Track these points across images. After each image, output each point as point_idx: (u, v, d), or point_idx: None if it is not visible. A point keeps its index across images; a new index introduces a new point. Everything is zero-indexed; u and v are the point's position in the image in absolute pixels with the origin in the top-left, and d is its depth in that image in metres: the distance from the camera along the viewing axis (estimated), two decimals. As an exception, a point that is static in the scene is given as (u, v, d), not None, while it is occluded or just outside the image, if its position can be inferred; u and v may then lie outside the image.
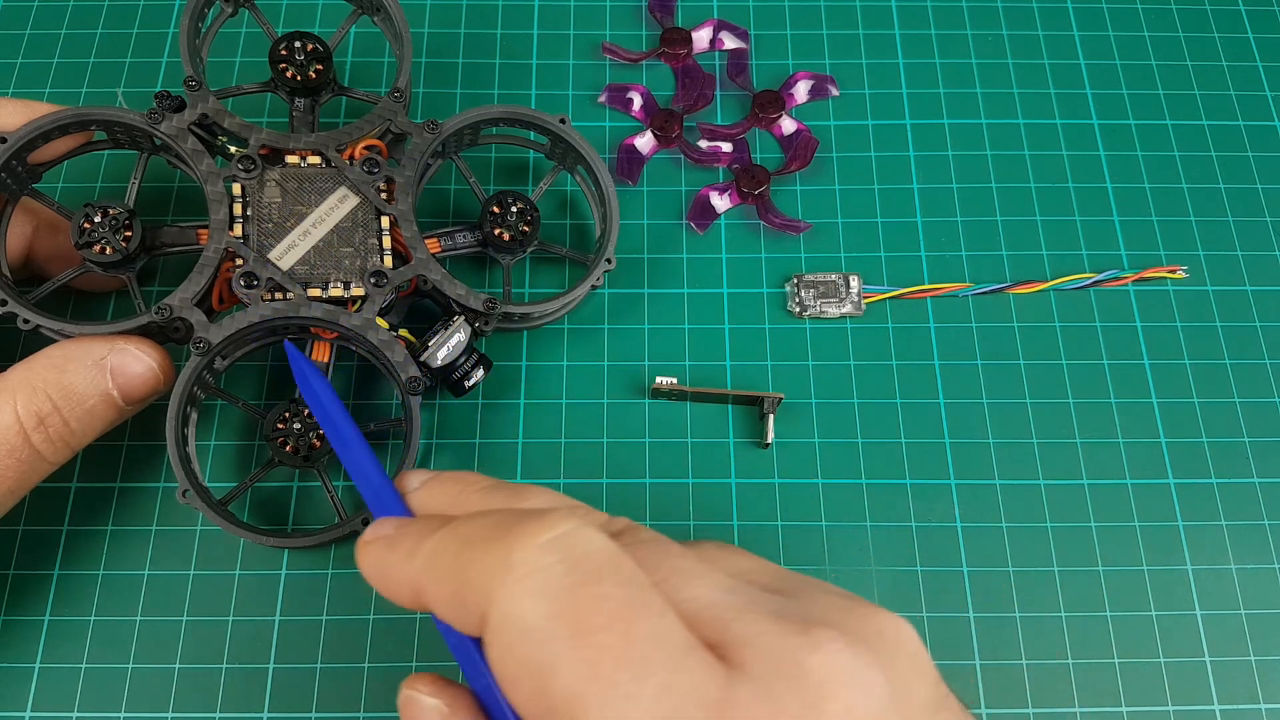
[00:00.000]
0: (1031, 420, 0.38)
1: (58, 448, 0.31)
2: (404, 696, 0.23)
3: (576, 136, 0.38)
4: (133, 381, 0.32)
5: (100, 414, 0.31)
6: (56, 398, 0.30)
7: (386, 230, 0.35)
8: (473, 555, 0.21)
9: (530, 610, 0.20)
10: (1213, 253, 0.42)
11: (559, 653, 0.19)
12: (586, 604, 0.20)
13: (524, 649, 0.20)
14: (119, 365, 0.32)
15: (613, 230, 0.37)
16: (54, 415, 0.30)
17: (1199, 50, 0.46)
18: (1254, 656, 0.35)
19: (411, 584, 0.23)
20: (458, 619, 0.21)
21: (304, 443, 0.34)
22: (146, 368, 0.32)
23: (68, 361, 0.31)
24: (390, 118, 0.36)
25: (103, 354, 0.31)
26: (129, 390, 0.32)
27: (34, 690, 0.34)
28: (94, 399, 0.31)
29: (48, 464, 0.31)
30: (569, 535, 0.20)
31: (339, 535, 0.34)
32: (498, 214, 0.37)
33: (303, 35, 0.37)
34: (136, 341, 0.32)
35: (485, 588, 0.20)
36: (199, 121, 0.35)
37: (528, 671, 0.20)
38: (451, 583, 0.21)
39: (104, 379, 0.31)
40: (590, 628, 0.19)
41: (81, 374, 0.31)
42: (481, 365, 0.36)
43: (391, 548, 0.23)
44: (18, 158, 0.33)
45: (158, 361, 0.32)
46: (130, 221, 0.33)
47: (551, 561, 0.20)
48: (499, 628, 0.20)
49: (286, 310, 0.33)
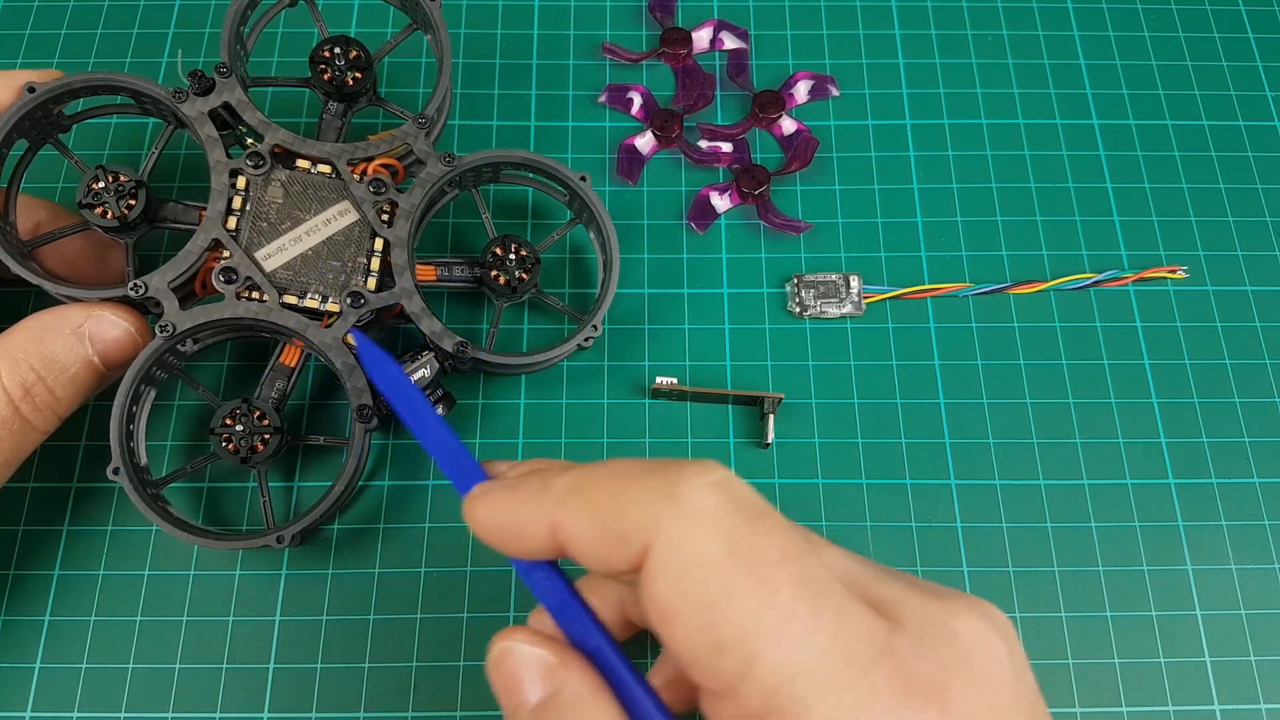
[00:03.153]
0: (1031, 420, 0.38)
1: (46, 416, 0.31)
2: (500, 650, 0.22)
3: (593, 197, 0.37)
4: (111, 346, 0.32)
5: (84, 380, 0.32)
6: (40, 367, 0.31)
7: (378, 252, 0.35)
8: (629, 487, 0.21)
9: (707, 543, 0.20)
10: (1213, 253, 0.42)
11: (736, 584, 0.19)
12: (759, 540, 0.20)
13: (696, 581, 0.19)
14: (97, 331, 0.32)
15: (607, 297, 0.37)
16: (39, 385, 0.31)
17: (1199, 50, 0.46)
18: (1254, 656, 0.35)
19: (546, 520, 0.22)
20: (606, 552, 0.21)
21: (245, 444, 0.33)
22: (124, 331, 0.32)
23: (46, 331, 0.31)
24: (411, 142, 0.36)
25: (80, 321, 0.32)
26: (108, 355, 0.32)
27: (34, 690, 0.34)
28: (76, 366, 0.32)
29: (38, 433, 0.32)
30: (728, 480, 0.21)
31: (256, 543, 0.33)
32: (499, 256, 0.37)
33: (349, 41, 0.37)
34: (111, 307, 0.32)
35: (649, 519, 0.20)
36: (222, 108, 0.35)
37: (697, 603, 0.19)
38: (602, 515, 0.21)
39: (84, 346, 0.32)
40: (765, 561, 0.20)
41: (61, 342, 0.31)
42: (442, 403, 0.36)
43: (515, 490, 0.23)
44: (44, 109, 0.34)
45: (134, 325, 0.33)
46: (137, 191, 0.33)
47: (719, 499, 0.20)
48: (668, 558, 0.20)
49: (258, 313, 0.33)
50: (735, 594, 0.19)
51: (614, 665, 0.22)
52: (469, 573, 0.36)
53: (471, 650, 0.35)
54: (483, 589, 0.35)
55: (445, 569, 0.36)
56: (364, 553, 0.36)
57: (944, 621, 0.21)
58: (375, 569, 0.36)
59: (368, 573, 0.36)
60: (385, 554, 0.36)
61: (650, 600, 0.20)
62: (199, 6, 0.45)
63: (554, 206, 0.41)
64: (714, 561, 0.19)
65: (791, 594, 0.19)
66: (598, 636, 0.22)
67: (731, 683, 0.19)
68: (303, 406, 0.38)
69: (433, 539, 0.36)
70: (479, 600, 0.35)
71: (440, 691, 0.34)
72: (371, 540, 0.36)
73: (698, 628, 0.19)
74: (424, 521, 0.36)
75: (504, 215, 0.41)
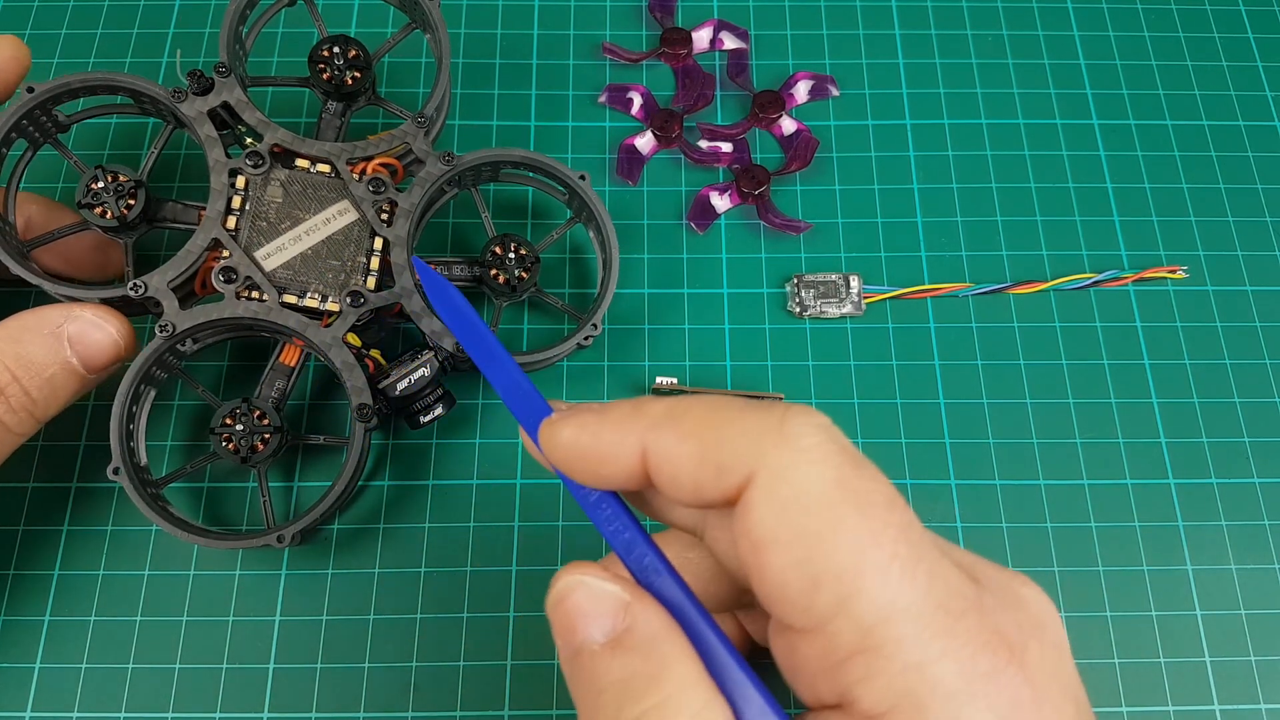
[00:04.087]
0: (1031, 420, 0.38)
1: (21, 418, 0.31)
2: (565, 584, 0.21)
3: (593, 196, 0.37)
4: (92, 349, 0.32)
5: (62, 383, 0.31)
6: (15, 368, 0.30)
7: (377, 251, 0.35)
8: (732, 418, 0.21)
9: (815, 476, 0.20)
10: (1213, 253, 0.42)
11: (843, 520, 0.19)
12: (865, 484, 0.20)
13: (801, 513, 0.20)
14: (77, 333, 0.31)
15: (607, 296, 0.37)
16: (13, 385, 0.30)
17: (1199, 50, 0.46)
18: (1254, 656, 0.35)
19: (635, 444, 0.21)
20: (700, 478, 0.21)
21: (246, 444, 0.33)
22: (106, 335, 0.32)
23: (23, 332, 0.31)
24: (410, 142, 0.36)
25: (59, 322, 0.31)
26: (89, 358, 0.32)
27: (34, 690, 0.34)
28: (53, 368, 0.31)
29: (14, 435, 0.31)
30: (831, 425, 0.21)
31: (256, 543, 0.33)
32: (498, 255, 0.37)
33: (348, 40, 0.37)
34: (94, 309, 0.32)
35: (753, 450, 0.20)
36: (221, 108, 0.35)
37: (798, 535, 0.19)
38: (701, 441, 0.21)
39: (62, 347, 0.31)
40: (871, 503, 0.20)
41: (38, 343, 0.31)
42: (442, 403, 0.35)
43: (604, 413, 0.22)
44: (43, 108, 0.34)
45: (118, 329, 0.32)
46: (136, 191, 0.33)
47: (825, 439, 0.20)
48: (772, 488, 0.20)
49: (258, 312, 0.33)
50: (840, 529, 0.19)
51: (684, 606, 0.21)
52: (469, 573, 0.36)
53: (471, 650, 0.35)
54: (483, 589, 0.35)
55: (445, 569, 0.36)
56: (364, 553, 0.36)
57: (1015, 589, 0.22)
58: (375, 569, 0.36)
59: (368, 573, 0.36)
60: (385, 554, 0.36)
61: (748, 531, 0.20)
62: (199, 6, 0.45)
63: (553, 206, 0.41)
64: (821, 496, 0.20)
65: (895, 536, 0.19)
66: (666, 574, 0.21)
67: (823, 619, 0.19)
68: (303, 406, 0.38)
69: (433, 539, 0.36)
70: (479, 600, 0.35)
71: (440, 691, 0.34)
72: (371, 540, 0.36)
73: (796, 560, 0.19)
74: (424, 521, 0.36)
75: (503, 215, 0.41)
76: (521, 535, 0.36)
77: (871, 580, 0.19)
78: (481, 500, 0.37)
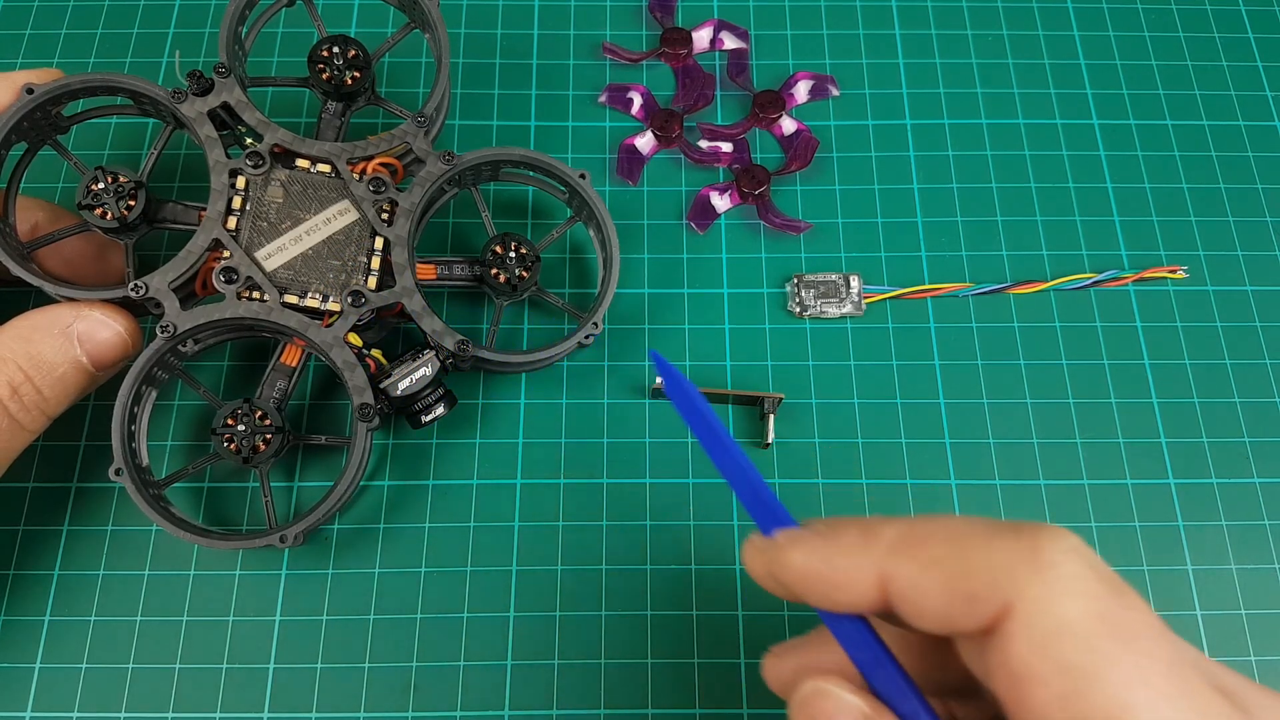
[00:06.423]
0: (1031, 420, 0.38)
1: (34, 415, 0.31)
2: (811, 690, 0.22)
3: (593, 195, 0.37)
4: (100, 347, 0.32)
5: (72, 380, 0.32)
6: (27, 367, 0.31)
7: (378, 251, 0.35)
8: (979, 545, 0.20)
9: (1078, 609, 0.19)
10: (1213, 253, 0.42)
11: (1110, 655, 0.19)
12: (1128, 615, 0.19)
13: (1063, 648, 0.19)
14: (86, 332, 0.32)
15: (608, 295, 0.37)
16: (26, 384, 0.31)
17: (1199, 50, 0.46)
18: (1254, 656, 0.35)
19: (872, 571, 0.21)
20: (949, 609, 0.20)
21: (247, 444, 0.33)
22: (114, 333, 0.32)
23: (34, 331, 0.31)
24: (410, 141, 0.36)
25: (68, 321, 0.32)
26: (98, 356, 0.32)
27: (34, 690, 0.34)
28: (64, 366, 0.31)
29: (26, 432, 0.31)
30: (1086, 548, 0.20)
31: (259, 543, 0.33)
32: (498, 254, 0.37)
33: (347, 40, 0.37)
34: (102, 308, 0.32)
35: (1009, 578, 0.20)
36: (221, 108, 0.35)
37: (1062, 671, 0.19)
38: (947, 570, 0.20)
39: (72, 346, 0.32)
40: (1136, 636, 0.19)
41: (49, 342, 0.31)
42: (444, 402, 0.35)
43: (834, 538, 0.22)
44: (42, 110, 0.34)
45: (125, 327, 0.33)
46: (136, 192, 0.33)
47: (1083, 567, 0.20)
48: (1034, 621, 0.19)
49: (259, 312, 0.33)
50: (1108, 665, 0.19)
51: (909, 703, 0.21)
52: (469, 573, 0.36)
53: (472, 650, 0.35)
54: (483, 589, 0.35)
55: (445, 569, 0.36)
56: (364, 553, 0.36)
57: None
58: (375, 569, 0.36)
59: (368, 573, 0.36)
60: (385, 554, 0.36)
61: (1006, 662, 0.20)
62: (198, 6, 0.45)
63: (554, 205, 0.41)
64: (1085, 629, 0.19)
65: (1164, 673, 0.19)
66: (914, 700, 0.21)
67: None
68: (304, 406, 0.38)
69: (433, 539, 0.36)
70: (479, 600, 0.35)
71: (440, 691, 0.34)
72: (371, 540, 0.36)
73: (1060, 695, 0.19)
74: (424, 521, 0.36)
75: (504, 214, 0.41)
76: (521, 535, 0.36)
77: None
78: (481, 500, 0.37)
